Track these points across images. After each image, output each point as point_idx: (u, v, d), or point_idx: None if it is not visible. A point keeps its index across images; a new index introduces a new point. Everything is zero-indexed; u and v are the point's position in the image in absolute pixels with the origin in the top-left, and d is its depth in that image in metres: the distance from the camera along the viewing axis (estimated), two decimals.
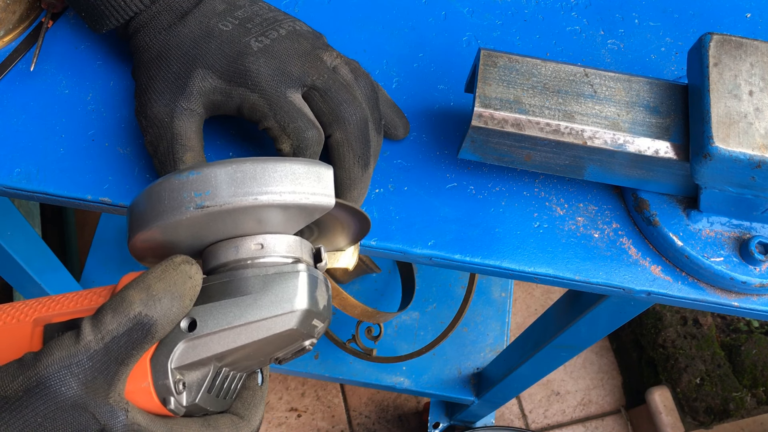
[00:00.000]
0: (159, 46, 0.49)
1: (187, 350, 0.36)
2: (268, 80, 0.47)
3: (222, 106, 0.49)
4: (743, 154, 0.45)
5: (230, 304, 0.36)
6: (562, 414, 1.61)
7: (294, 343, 0.39)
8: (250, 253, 0.38)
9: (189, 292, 0.35)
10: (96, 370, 0.32)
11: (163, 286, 0.34)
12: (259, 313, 0.36)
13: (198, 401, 0.37)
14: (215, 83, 0.48)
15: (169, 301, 0.34)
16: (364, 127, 0.49)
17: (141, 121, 0.49)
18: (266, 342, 0.37)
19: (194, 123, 0.48)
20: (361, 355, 1.13)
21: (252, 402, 0.41)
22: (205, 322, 0.36)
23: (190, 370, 0.36)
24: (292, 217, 0.39)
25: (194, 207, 0.36)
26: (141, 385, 0.35)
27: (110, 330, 0.33)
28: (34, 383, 0.32)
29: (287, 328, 0.36)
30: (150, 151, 0.49)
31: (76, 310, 0.37)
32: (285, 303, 0.36)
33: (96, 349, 0.32)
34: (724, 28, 0.63)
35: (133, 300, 0.33)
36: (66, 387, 0.32)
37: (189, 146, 0.48)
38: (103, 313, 0.33)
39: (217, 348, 0.36)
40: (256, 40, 0.48)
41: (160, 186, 0.37)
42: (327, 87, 0.48)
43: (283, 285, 0.37)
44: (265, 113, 0.47)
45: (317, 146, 0.48)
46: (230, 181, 0.36)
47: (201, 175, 0.36)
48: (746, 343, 1.45)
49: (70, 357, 0.32)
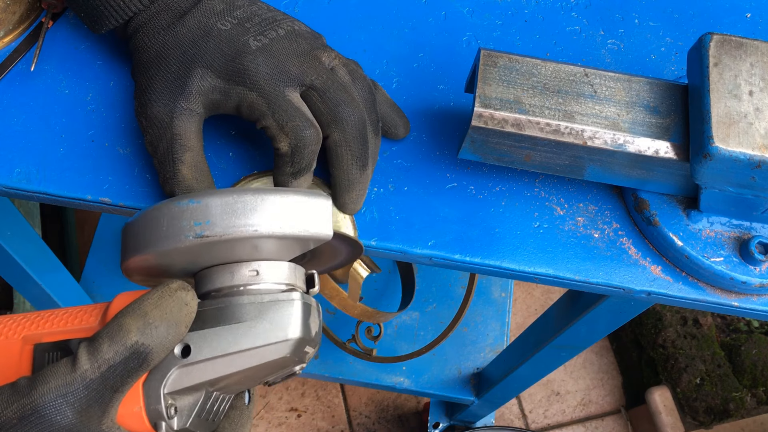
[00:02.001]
0: (158, 46, 0.49)
1: (181, 376, 0.36)
2: (267, 79, 0.47)
3: (221, 105, 0.49)
4: (743, 154, 0.45)
5: (225, 331, 0.36)
6: (562, 414, 1.61)
7: (285, 368, 0.39)
8: (245, 279, 0.38)
9: (185, 319, 0.35)
10: (91, 399, 0.32)
11: (160, 313, 0.34)
12: (253, 341, 0.36)
13: (189, 425, 0.37)
14: (214, 82, 0.48)
15: (165, 329, 0.34)
16: (362, 128, 0.49)
17: (141, 122, 0.49)
18: (259, 368, 0.37)
19: (194, 123, 0.48)
20: (361, 355, 1.13)
21: (239, 422, 0.41)
22: (200, 349, 0.36)
23: (182, 395, 0.36)
24: (288, 246, 0.39)
25: (193, 236, 0.36)
26: (133, 410, 0.35)
27: (107, 359, 0.33)
28: (29, 411, 0.32)
29: (281, 356, 0.37)
30: (150, 151, 0.49)
31: (66, 329, 0.37)
32: (279, 331, 0.37)
33: (92, 378, 0.32)
34: (724, 28, 0.63)
35: (130, 328, 0.33)
36: (61, 416, 0.32)
37: (188, 146, 0.48)
38: (99, 341, 0.33)
39: (211, 374, 0.36)
40: (254, 39, 0.48)
41: (159, 211, 0.37)
42: (326, 87, 0.48)
43: (278, 313, 0.37)
44: (264, 112, 0.47)
45: (315, 145, 0.48)
46: (230, 212, 0.36)
47: (201, 204, 0.36)
48: (746, 343, 1.45)
49: (66, 386, 0.32)
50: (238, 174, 0.53)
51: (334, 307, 1.20)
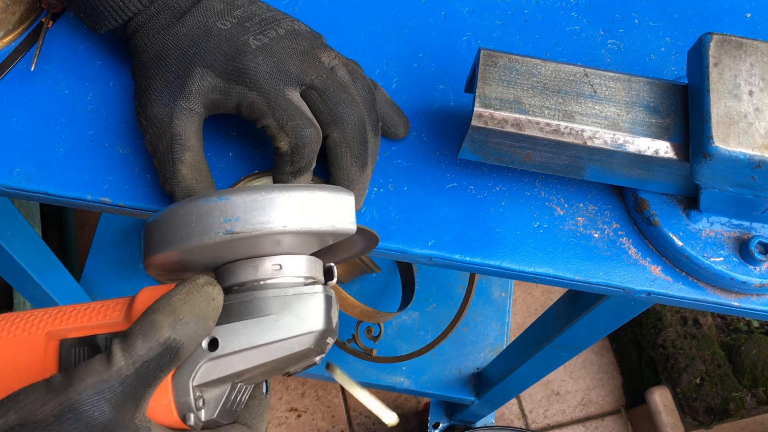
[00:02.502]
0: (158, 46, 0.49)
1: (209, 369, 0.36)
2: (267, 78, 0.47)
3: (221, 104, 0.49)
4: (743, 154, 0.45)
5: (251, 324, 0.37)
6: (562, 414, 1.61)
7: (307, 359, 0.39)
8: (269, 273, 0.39)
9: (212, 314, 0.36)
10: (126, 394, 0.33)
11: (189, 309, 0.35)
12: (279, 334, 0.37)
13: (216, 416, 0.37)
14: (214, 82, 0.48)
15: (195, 324, 0.35)
16: (361, 127, 0.49)
17: (141, 122, 0.49)
18: (283, 360, 0.38)
19: (194, 122, 0.48)
20: (361, 355, 1.13)
21: (258, 411, 0.42)
22: (227, 342, 0.37)
23: (210, 387, 0.37)
24: (310, 240, 0.39)
25: (223, 232, 0.36)
26: (162, 402, 0.35)
27: (141, 355, 0.33)
28: (66, 408, 0.32)
29: (305, 348, 0.37)
30: (150, 150, 0.49)
31: (91, 324, 0.37)
32: (304, 324, 0.37)
33: (127, 374, 0.33)
34: (724, 28, 0.63)
35: (162, 325, 0.34)
36: (99, 412, 0.32)
37: (188, 146, 0.48)
38: (133, 338, 0.33)
39: (238, 366, 0.37)
40: (254, 38, 0.48)
41: (187, 209, 0.37)
42: (325, 87, 0.48)
43: (302, 306, 0.38)
44: (264, 111, 0.47)
45: (315, 144, 0.48)
46: (258, 208, 0.37)
47: (230, 201, 0.37)
48: (746, 343, 1.45)
49: (102, 382, 0.32)
50: (237, 174, 0.53)
51: None
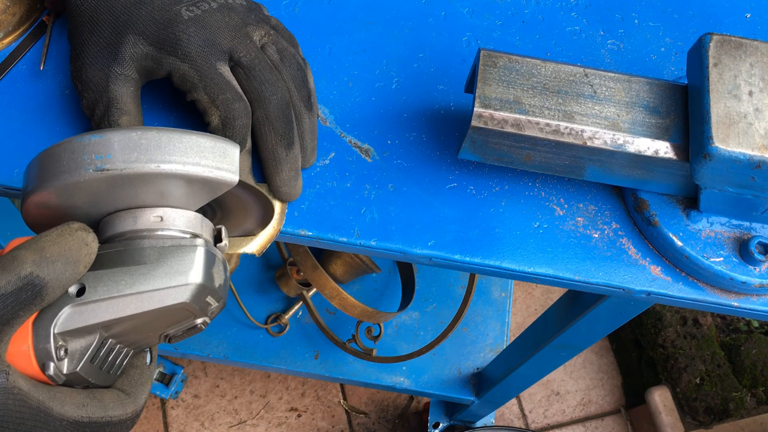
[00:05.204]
0: (90, 10, 0.49)
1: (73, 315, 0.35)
2: (198, 51, 0.47)
3: (154, 72, 0.49)
4: (743, 155, 0.45)
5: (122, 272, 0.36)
6: (562, 414, 1.61)
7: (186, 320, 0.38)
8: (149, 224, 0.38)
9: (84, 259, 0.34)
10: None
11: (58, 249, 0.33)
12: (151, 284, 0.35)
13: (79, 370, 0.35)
14: (146, 50, 0.48)
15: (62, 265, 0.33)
16: (285, 107, 0.49)
17: (77, 85, 0.49)
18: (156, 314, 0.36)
19: (130, 87, 0.48)
20: (361, 355, 1.14)
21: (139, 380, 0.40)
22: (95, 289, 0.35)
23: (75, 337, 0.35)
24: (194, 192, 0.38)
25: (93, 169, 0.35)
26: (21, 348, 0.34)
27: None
28: None
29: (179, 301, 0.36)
30: (87, 114, 0.49)
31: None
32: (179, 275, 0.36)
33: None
34: (724, 28, 0.63)
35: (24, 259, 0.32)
36: None
37: (125, 110, 0.48)
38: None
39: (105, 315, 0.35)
40: (187, 9, 0.49)
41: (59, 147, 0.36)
42: (251, 65, 0.48)
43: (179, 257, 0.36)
44: (195, 84, 0.47)
45: (246, 118, 0.48)
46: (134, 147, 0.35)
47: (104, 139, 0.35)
48: (746, 343, 1.45)
49: None
50: None
51: (334, 307, 1.21)
